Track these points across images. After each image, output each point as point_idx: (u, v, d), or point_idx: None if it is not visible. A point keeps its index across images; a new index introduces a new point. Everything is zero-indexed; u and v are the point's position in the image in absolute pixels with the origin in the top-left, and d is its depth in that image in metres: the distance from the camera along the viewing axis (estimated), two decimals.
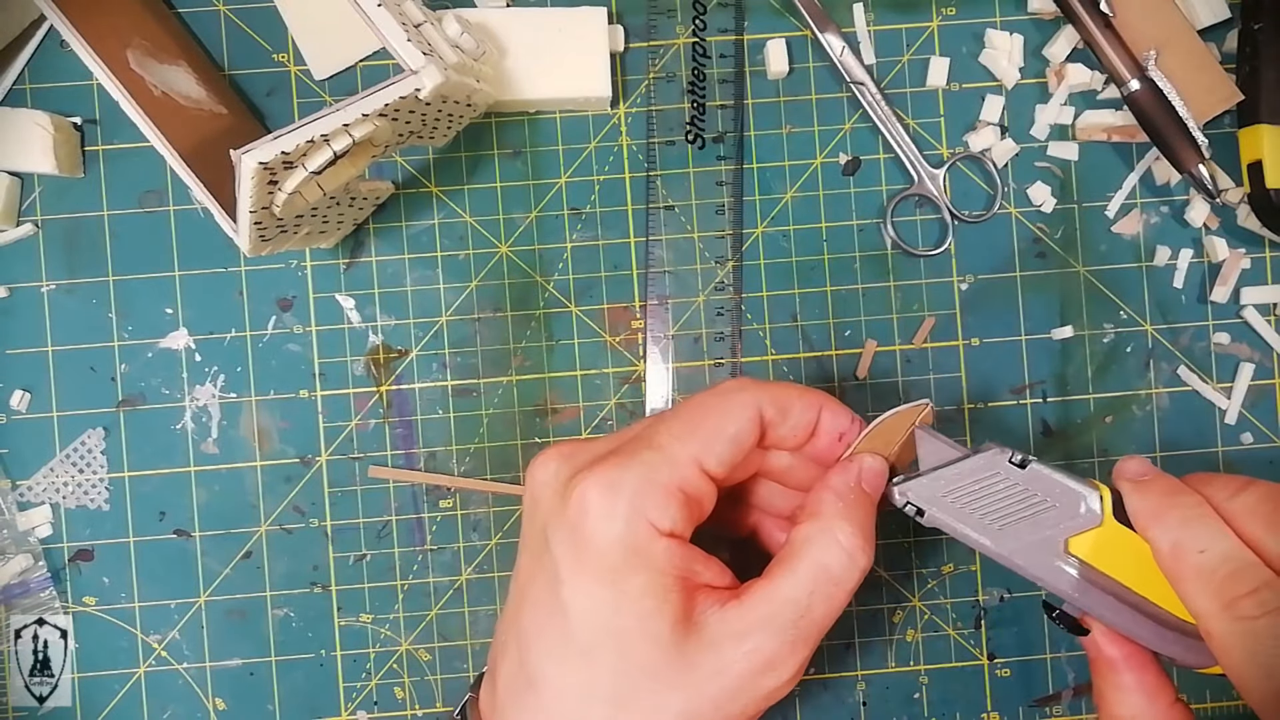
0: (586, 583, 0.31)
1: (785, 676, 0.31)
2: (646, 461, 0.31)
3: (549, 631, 0.32)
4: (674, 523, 0.31)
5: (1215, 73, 0.45)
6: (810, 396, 0.34)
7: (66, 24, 0.42)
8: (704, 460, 0.32)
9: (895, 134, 0.46)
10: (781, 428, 0.34)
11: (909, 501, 0.35)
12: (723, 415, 0.33)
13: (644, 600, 0.30)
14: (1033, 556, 0.34)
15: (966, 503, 0.34)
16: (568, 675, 0.31)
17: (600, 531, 0.31)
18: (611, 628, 0.31)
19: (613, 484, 0.31)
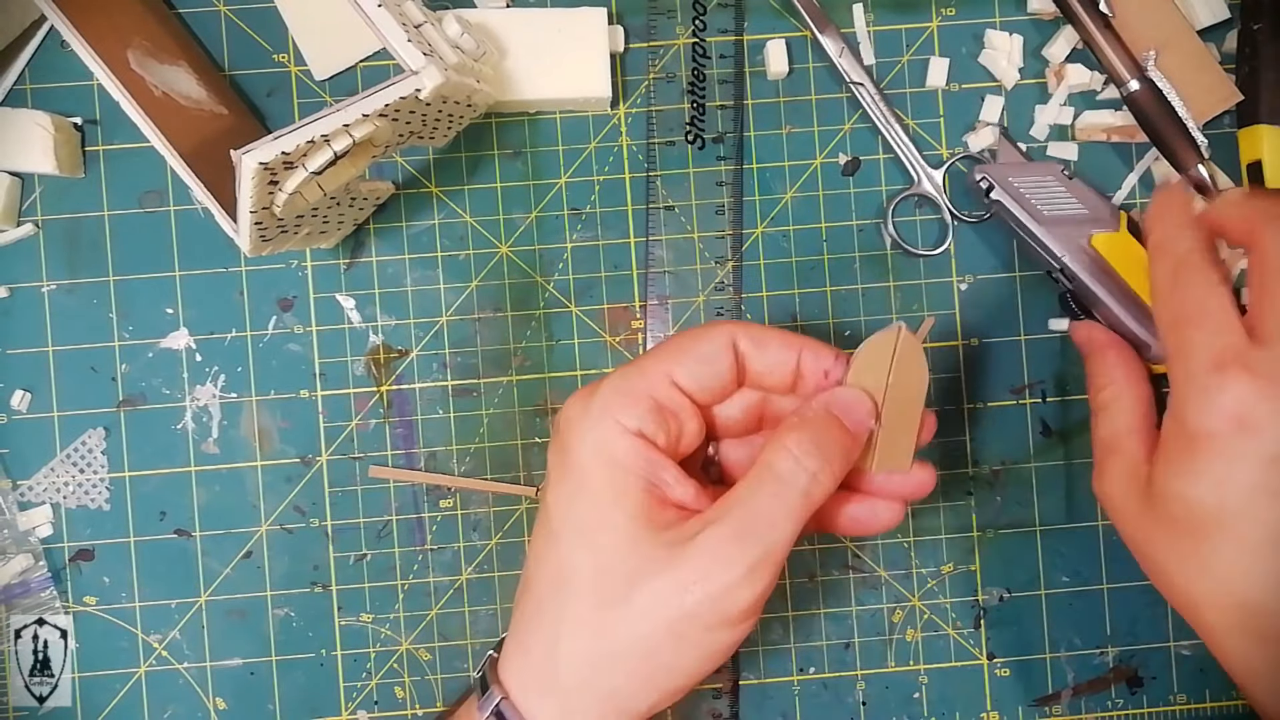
0: (560, 480, 0.34)
1: (736, 573, 0.31)
2: (620, 374, 0.34)
3: (536, 539, 0.35)
4: (640, 423, 0.33)
5: (1215, 73, 0.45)
6: (790, 337, 0.36)
7: (67, 24, 0.42)
8: (674, 373, 0.34)
9: (894, 134, 0.46)
10: (758, 362, 0.35)
11: (985, 177, 0.45)
12: (696, 338, 0.35)
13: (605, 492, 0.33)
14: (1063, 241, 0.44)
15: (1024, 193, 0.44)
16: (543, 573, 0.34)
17: (573, 434, 0.34)
18: (578, 517, 0.33)
19: (589, 394, 0.34)
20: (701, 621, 0.32)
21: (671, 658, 0.32)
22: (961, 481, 0.47)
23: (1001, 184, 0.45)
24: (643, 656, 0.32)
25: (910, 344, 0.35)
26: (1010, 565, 0.47)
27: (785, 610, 0.47)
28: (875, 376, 0.35)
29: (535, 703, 0.33)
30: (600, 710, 0.33)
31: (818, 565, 0.47)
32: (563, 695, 0.33)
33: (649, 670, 0.32)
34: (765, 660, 0.47)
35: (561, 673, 0.33)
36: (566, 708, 0.33)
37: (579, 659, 0.33)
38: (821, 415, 0.34)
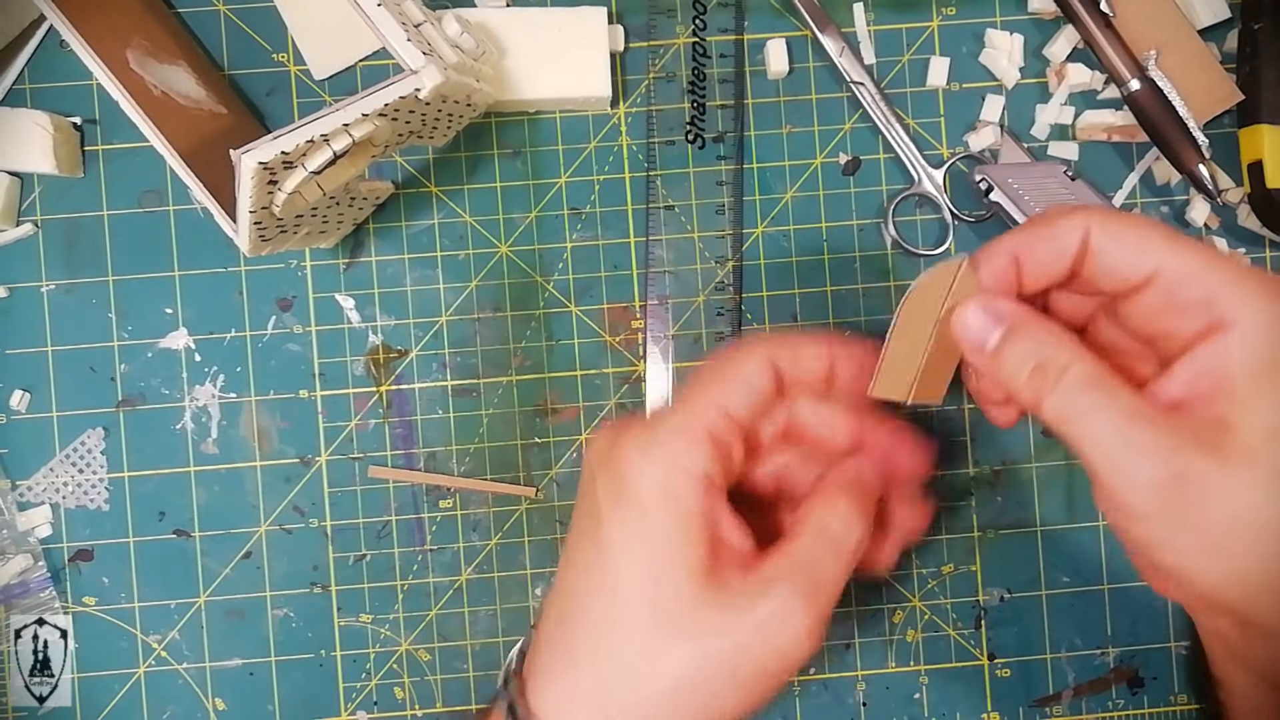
0: (623, 517, 0.33)
1: (798, 631, 0.32)
2: (675, 414, 0.34)
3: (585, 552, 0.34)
4: (705, 466, 0.33)
5: (1215, 72, 0.45)
6: (819, 338, 0.36)
7: (66, 24, 0.42)
8: (726, 404, 0.34)
9: (895, 134, 0.46)
10: (796, 370, 0.36)
11: (984, 177, 0.44)
12: (738, 365, 0.35)
13: (673, 536, 0.33)
14: None
15: (1024, 194, 0.44)
16: (599, 592, 0.33)
17: (637, 477, 0.33)
18: (642, 558, 0.33)
19: (648, 439, 0.34)
20: (761, 667, 0.32)
21: (725, 698, 0.32)
22: (962, 482, 0.47)
23: (1001, 185, 0.45)
24: (702, 696, 0.32)
25: (968, 280, 0.34)
26: (1011, 565, 0.47)
27: None
28: (930, 308, 0.35)
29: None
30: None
31: None
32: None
33: (706, 709, 0.33)
34: None
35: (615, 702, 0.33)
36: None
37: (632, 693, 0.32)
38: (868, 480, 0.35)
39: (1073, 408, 0.31)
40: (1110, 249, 0.32)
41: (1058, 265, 0.33)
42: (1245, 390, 0.30)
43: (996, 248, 0.34)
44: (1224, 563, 0.30)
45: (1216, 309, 0.30)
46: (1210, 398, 0.30)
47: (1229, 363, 0.30)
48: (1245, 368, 0.30)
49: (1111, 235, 0.32)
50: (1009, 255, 0.33)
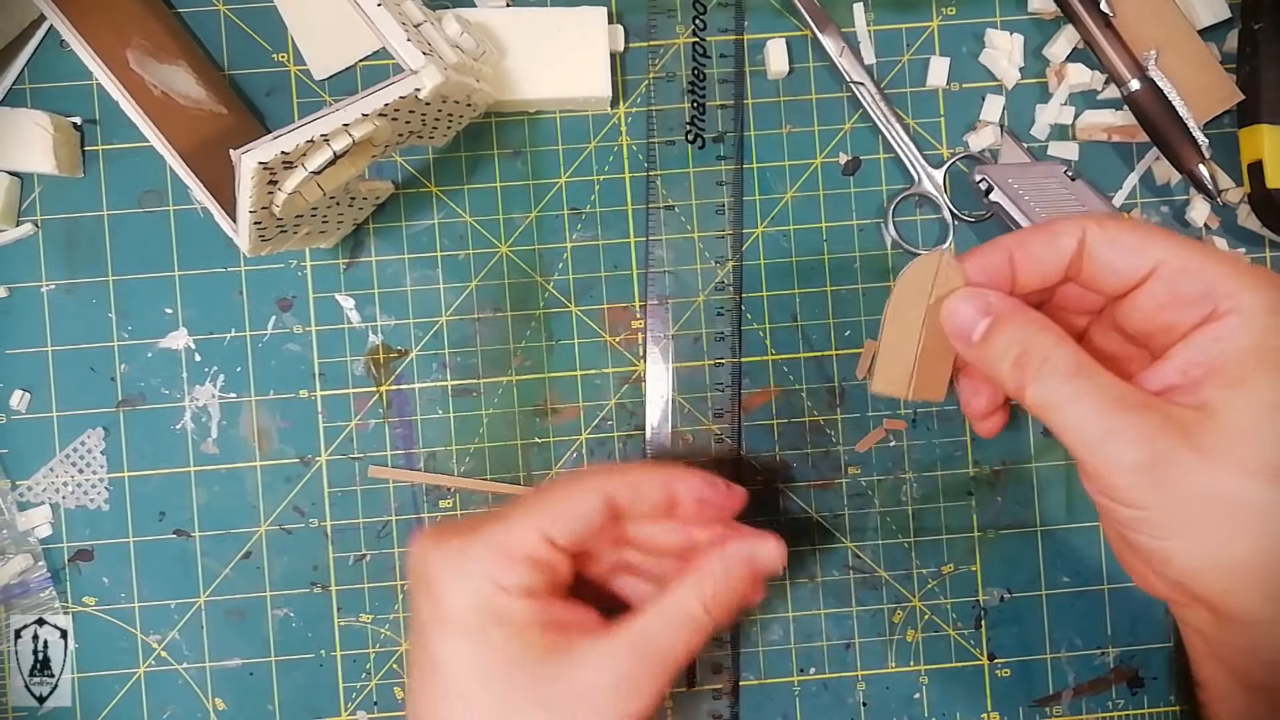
0: (451, 639, 0.34)
1: (645, 701, 0.33)
2: (493, 532, 0.34)
3: (428, 689, 0.34)
4: (522, 583, 0.34)
5: (1215, 72, 0.45)
6: (660, 473, 0.36)
7: (66, 24, 0.42)
8: (549, 532, 0.34)
9: (895, 134, 0.46)
10: (638, 504, 0.36)
11: (984, 177, 0.44)
12: (569, 494, 0.35)
13: (508, 647, 0.33)
14: None
15: (1024, 194, 0.44)
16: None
17: (452, 596, 0.34)
18: (481, 673, 0.33)
19: (460, 555, 0.34)
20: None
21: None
22: (962, 482, 0.47)
23: (1001, 185, 0.45)
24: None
25: (953, 268, 0.35)
26: (1011, 565, 0.47)
27: (786, 611, 0.47)
28: (917, 301, 0.35)
29: None
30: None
31: (818, 566, 0.47)
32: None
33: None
34: (765, 661, 0.47)
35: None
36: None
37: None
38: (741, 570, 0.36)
39: (1055, 394, 0.31)
40: (1109, 249, 0.32)
41: (1054, 264, 0.33)
42: (1236, 373, 0.30)
43: (993, 244, 0.34)
44: (1202, 546, 0.30)
45: (1215, 299, 0.31)
46: (1200, 382, 0.31)
47: (1225, 347, 0.30)
48: (1240, 351, 0.30)
49: (1109, 236, 0.32)
50: (1004, 252, 0.34)
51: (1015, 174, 0.45)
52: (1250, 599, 0.30)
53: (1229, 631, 0.32)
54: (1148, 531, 0.31)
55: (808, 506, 0.47)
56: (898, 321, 0.36)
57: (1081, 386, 0.31)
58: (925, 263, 0.35)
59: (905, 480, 0.47)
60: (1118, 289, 0.33)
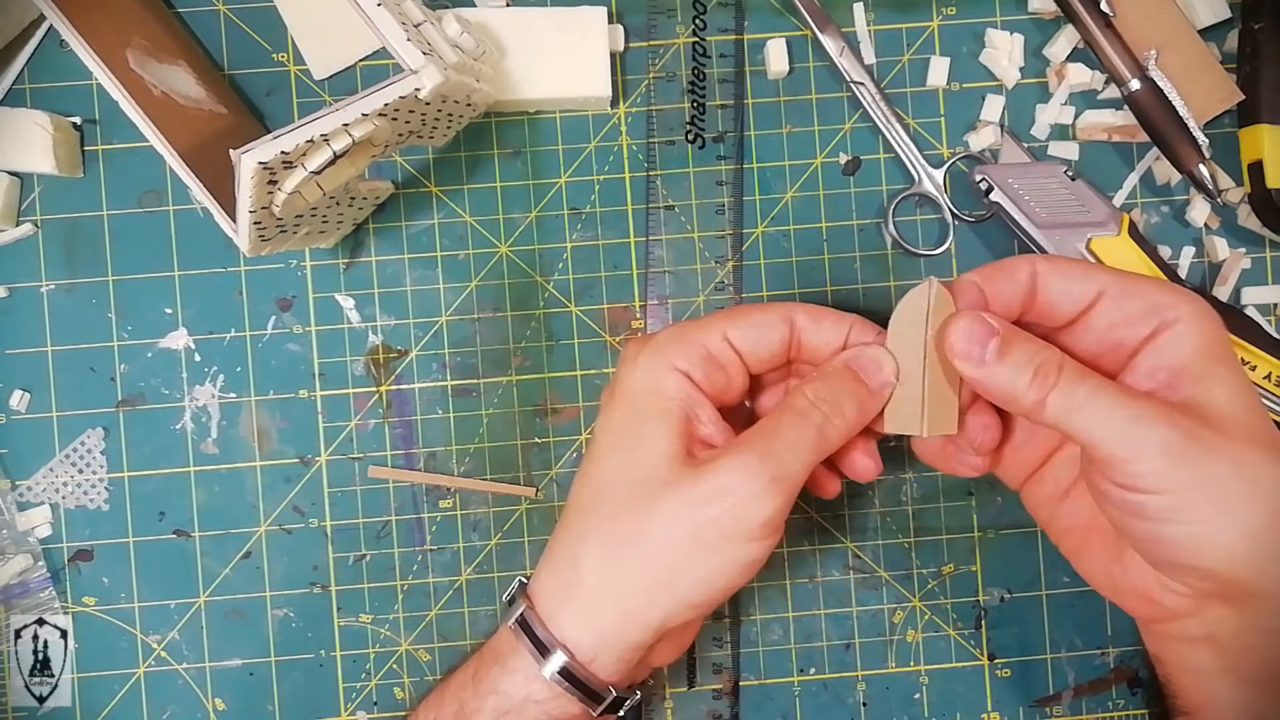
0: (610, 410, 0.37)
1: (756, 487, 0.34)
2: (680, 325, 0.38)
3: (582, 462, 0.38)
4: (689, 366, 0.36)
5: (1216, 72, 0.45)
6: (842, 315, 0.38)
7: (66, 24, 0.42)
8: (729, 331, 0.37)
9: (895, 134, 0.46)
10: (814, 336, 0.37)
11: (985, 177, 0.44)
12: (757, 308, 0.38)
13: (647, 418, 0.36)
14: (1061, 244, 0.44)
15: (1024, 194, 0.44)
16: (581, 490, 0.37)
17: (629, 374, 0.37)
18: (620, 438, 0.36)
19: (647, 337, 0.37)
20: (721, 529, 0.34)
21: (690, 564, 0.34)
22: (962, 482, 0.47)
23: (1001, 185, 0.44)
24: (662, 561, 0.34)
25: (944, 298, 0.35)
26: (1011, 566, 0.47)
27: (786, 611, 0.47)
28: (914, 335, 0.36)
29: (557, 610, 0.35)
30: (620, 615, 0.35)
31: (818, 566, 0.47)
32: (583, 601, 0.35)
33: (668, 576, 0.34)
34: (766, 661, 0.47)
35: (584, 578, 0.35)
36: (586, 612, 0.35)
37: (601, 564, 0.35)
38: (840, 370, 0.36)
39: (1077, 394, 0.33)
40: (1060, 278, 0.35)
41: (1014, 297, 0.35)
42: (1200, 369, 0.33)
43: (963, 279, 0.36)
44: (1236, 522, 0.32)
45: (1159, 312, 0.34)
46: (1171, 384, 0.33)
47: (1181, 351, 0.33)
48: (1195, 351, 0.33)
49: (1058, 269, 0.35)
50: (974, 285, 0.35)
51: (1015, 174, 0.45)
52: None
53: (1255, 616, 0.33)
54: (1179, 518, 0.32)
55: (808, 506, 0.47)
56: (899, 358, 0.36)
57: (1097, 384, 0.33)
58: (917, 296, 0.35)
59: (905, 480, 0.47)
60: (1070, 314, 0.35)
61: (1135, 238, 0.44)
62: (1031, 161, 0.45)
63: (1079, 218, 0.44)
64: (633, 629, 0.35)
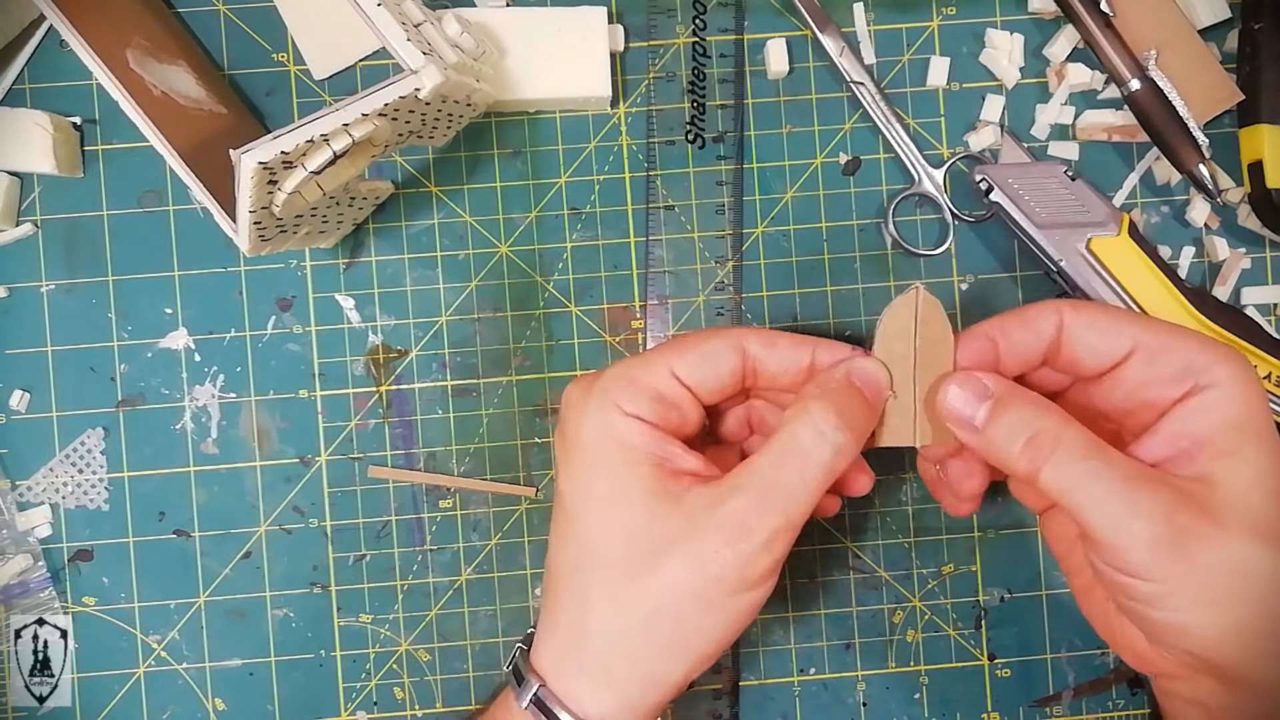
0: (569, 463, 0.35)
1: (758, 541, 0.32)
2: (624, 363, 0.35)
3: (554, 526, 0.36)
4: (640, 410, 0.34)
5: (1216, 72, 0.45)
6: (801, 338, 0.36)
7: (66, 24, 0.42)
8: (675, 367, 0.35)
9: (895, 134, 0.46)
10: (770, 364, 0.35)
11: (985, 177, 0.44)
12: (704, 337, 0.35)
13: (615, 468, 0.34)
14: (1061, 244, 0.44)
15: (1024, 194, 0.44)
16: (567, 552, 0.35)
17: (575, 419, 0.35)
18: (593, 495, 0.34)
19: (591, 380, 0.35)
20: (726, 586, 0.32)
21: (699, 621, 0.33)
22: None
23: (1001, 185, 0.44)
24: (672, 623, 0.33)
25: (931, 305, 0.35)
26: (1011, 566, 0.47)
27: (786, 611, 0.47)
28: (903, 343, 0.35)
29: (571, 683, 0.34)
30: (637, 679, 0.33)
31: (819, 566, 0.47)
32: (596, 669, 0.33)
33: (680, 637, 0.33)
34: (766, 661, 0.47)
35: (593, 646, 0.33)
36: (602, 682, 0.33)
37: (609, 631, 0.33)
38: (844, 384, 0.34)
39: (1070, 474, 0.31)
40: (1088, 332, 0.33)
41: (1034, 350, 0.34)
42: (1226, 443, 0.31)
43: (974, 330, 0.34)
44: (1222, 615, 0.31)
45: (1194, 374, 0.32)
46: (1191, 455, 0.32)
47: (1210, 419, 0.32)
48: (1225, 423, 0.31)
49: (1085, 321, 0.33)
50: (986, 338, 0.34)
51: (1015, 174, 0.44)
52: (1270, 665, 0.31)
53: (1241, 699, 0.32)
54: (1165, 606, 0.31)
55: None
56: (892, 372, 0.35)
57: (1095, 466, 0.31)
58: (904, 304, 0.35)
59: (906, 480, 0.47)
60: (1096, 370, 0.34)
61: (1135, 238, 0.44)
62: (1031, 161, 0.45)
63: (1079, 217, 0.44)
64: (655, 691, 0.34)
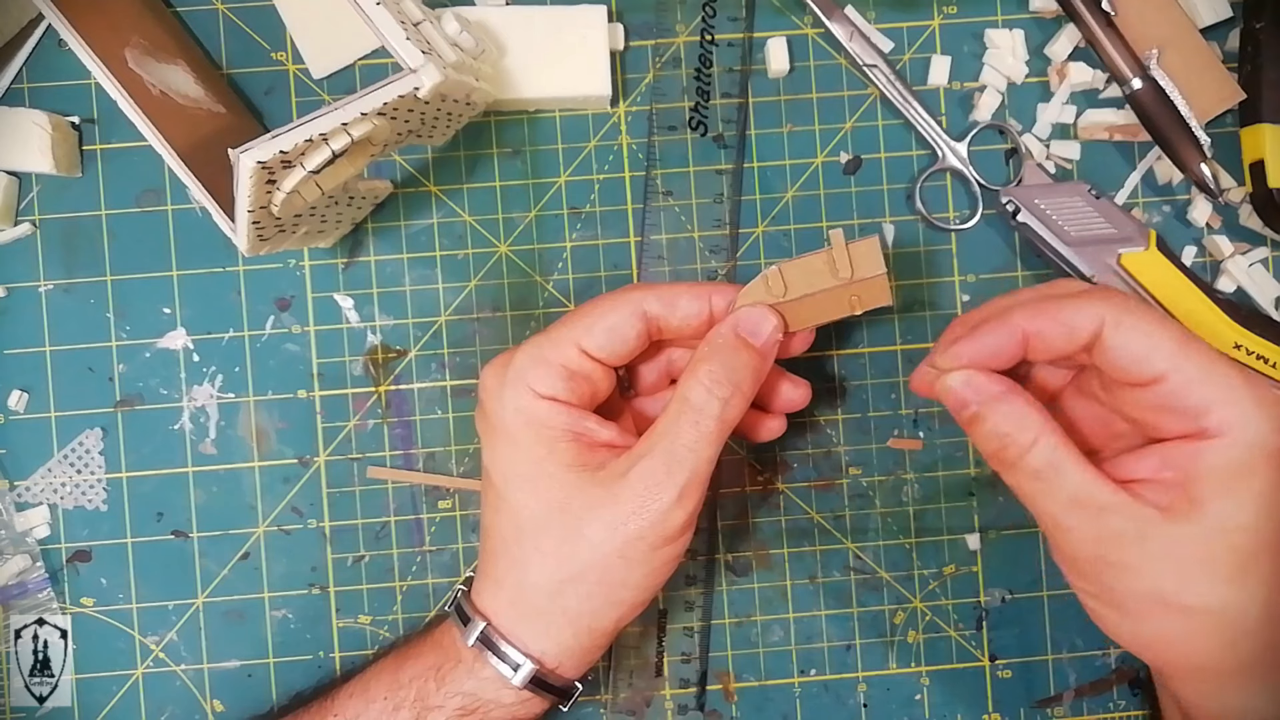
0: (494, 444, 0.38)
1: (668, 499, 0.35)
2: (533, 343, 0.37)
3: (484, 494, 0.39)
4: (554, 389, 0.37)
5: (1217, 72, 0.45)
6: (697, 287, 0.38)
7: (65, 23, 0.42)
8: (582, 343, 0.37)
9: (914, 112, 0.46)
10: (673, 319, 0.38)
11: (1011, 200, 0.45)
12: (605, 308, 0.37)
13: (535, 448, 0.37)
14: (1093, 261, 0.44)
15: (1050, 214, 0.44)
16: (500, 521, 0.38)
17: (493, 402, 0.37)
18: (518, 473, 0.37)
19: (504, 364, 0.38)
20: (645, 543, 0.36)
21: (624, 575, 0.36)
22: (963, 482, 0.47)
23: (1028, 206, 0.44)
24: (599, 578, 0.36)
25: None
26: (1012, 566, 0.47)
27: (786, 612, 0.47)
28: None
29: (516, 627, 0.38)
30: (572, 628, 0.37)
31: (818, 567, 0.47)
32: (540, 622, 0.37)
33: (607, 590, 0.37)
34: (766, 662, 0.47)
35: (533, 599, 0.37)
36: (546, 632, 0.37)
37: (547, 587, 0.37)
38: (730, 340, 0.37)
39: (1030, 485, 0.34)
40: (1123, 348, 0.34)
41: (1066, 348, 0.35)
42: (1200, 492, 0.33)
43: (1006, 324, 0.35)
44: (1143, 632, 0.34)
45: (1208, 417, 0.33)
46: (1168, 486, 0.33)
47: (1200, 466, 0.33)
48: (1211, 473, 0.33)
49: (1125, 335, 0.33)
50: (1018, 332, 0.35)
51: (1040, 194, 0.44)
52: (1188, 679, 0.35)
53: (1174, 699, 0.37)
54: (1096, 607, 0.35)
55: (808, 507, 0.47)
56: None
57: (1043, 489, 0.34)
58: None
59: (906, 481, 0.47)
60: (1121, 379, 0.34)
61: (1164, 251, 0.44)
62: (1054, 182, 0.45)
63: (1107, 234, 0.44)
64: (590, 639, 0.38)
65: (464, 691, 0.38)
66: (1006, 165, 0.47)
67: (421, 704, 0.38)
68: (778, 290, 0.38)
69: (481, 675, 0.38)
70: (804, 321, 0.39)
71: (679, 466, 0.36)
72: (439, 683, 0.38)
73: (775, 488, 0.47)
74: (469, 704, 0.38)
